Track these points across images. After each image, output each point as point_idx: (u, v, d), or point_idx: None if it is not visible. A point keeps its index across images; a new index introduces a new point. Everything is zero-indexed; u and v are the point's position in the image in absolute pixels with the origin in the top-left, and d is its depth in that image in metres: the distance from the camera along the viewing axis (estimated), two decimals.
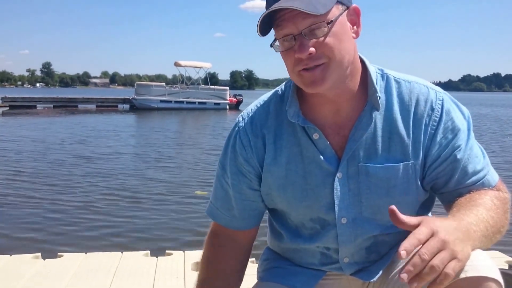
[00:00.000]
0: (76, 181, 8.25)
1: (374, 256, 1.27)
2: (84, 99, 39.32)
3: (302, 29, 1.07)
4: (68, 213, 6.15)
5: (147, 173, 9.21)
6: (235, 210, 1.32)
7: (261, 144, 1.26)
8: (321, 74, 1.10)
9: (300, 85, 1.16)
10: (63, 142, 14.23)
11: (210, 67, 39.28)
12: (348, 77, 1.17)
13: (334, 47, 1.09)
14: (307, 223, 1.27)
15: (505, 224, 1.12)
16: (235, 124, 1.32)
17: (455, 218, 0.99)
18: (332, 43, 1.08)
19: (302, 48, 1.07)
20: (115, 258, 3.09)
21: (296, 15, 1.06)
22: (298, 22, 1.07)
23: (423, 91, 1.21)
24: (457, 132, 1.17)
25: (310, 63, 1.09)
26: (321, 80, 1.10)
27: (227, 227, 1.35)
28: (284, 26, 1.09)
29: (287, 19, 1.07)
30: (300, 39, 1.08)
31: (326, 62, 1.10)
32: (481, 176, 1.18)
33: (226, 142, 1.32)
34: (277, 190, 1.26)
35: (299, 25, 1.07)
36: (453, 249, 0.88)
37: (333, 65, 1.10)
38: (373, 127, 1.19)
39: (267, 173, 1.26)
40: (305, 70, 1.10)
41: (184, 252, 3.24)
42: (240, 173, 1.29)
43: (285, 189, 1.24)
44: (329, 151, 1.21)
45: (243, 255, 1.38)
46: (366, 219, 1.22)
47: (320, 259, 1.30)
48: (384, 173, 1.18)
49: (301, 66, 1.10)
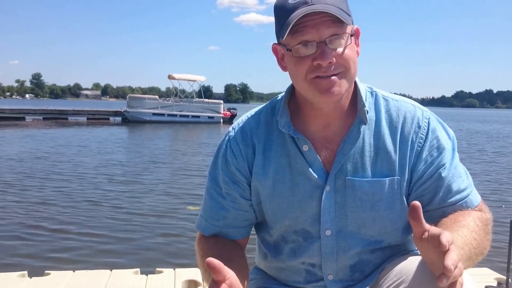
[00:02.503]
0: (63, 197, 8.13)
1: (358, 275, 1.28)
2: (75, 111, 39.01)
3: (326, 37, 1.09)
4: (56, 230, 6.05)
5: (137, 189, 9.10)
6: (227, 219, 1.30)
7: (251, 153, 1.27)
8: (338, 83, 1.13)
9: (311, 92, 1.15)
10: (49, 155, 14.10)
11: (204, 80, 39.50)
12: (346, 93, 1.19)
13: (351, 59, 1.13)
14: (290, 236, 1.27)
15: (487, 246, 1.16)
16: (225, 134, 1.33)
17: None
18: (349, 55, 1.13)
19: (324, 56, 1.09)
20: (104, 276, 3.07)
21: (321, 22, 1.08)
22: (322, 30, 1.09)
23: (410, 109, 1.25)
24: (442, 150, 1.21)
25: (328, 72, 1.11)
26: (338, 88, 1.13)
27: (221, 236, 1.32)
28: (306, 32, 1.10)
29: (312, 25, 1.09)
30: (322, 46, 1.10)
31: (342, 72, 1.13)
32: (465, 195, 1.21)
33: (216, 153, 1.32)
34: (264, 200, 1.27)
35: (322, 33, 1.09)
36: (460, 267, 0.91)
37: (348, 77, 1.14)
38: (361, 142, 1.21)
39: (255, 182, 1.27)
40: (320, 78, 1.12)
41: (174, 270, 3.22)
42: (232, 182, 1.28)
43: (272, 199, 1.25)
44: (318, 163, 1.22)
45: (240, 250, 1.31)
46: (351, 233, 1.23)
47: (305, 276, 1.30)
48: (370, 187, 1.20)
49: (317, 73, 1.12)
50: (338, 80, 1.12)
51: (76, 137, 21.53)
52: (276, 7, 1.15)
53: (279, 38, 1.17)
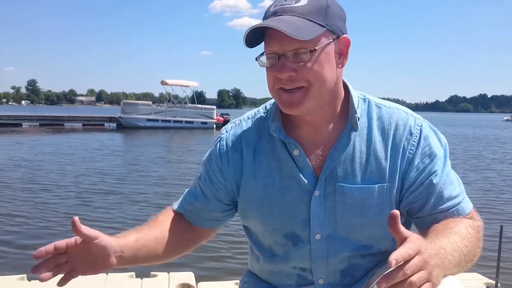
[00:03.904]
0: (59, 199, 8.18)
1: (349, 280, 1.29)
2: (70, 118, 38.87)
3: (287, 50, 1.11)
4: (54, 233, 6.06)
5: (131, 192, 9.15)
6: (194, 207, 1.38)
7: (239, 157, 1.30)
8: (299, 98, 1.14)
9: (278, 103, 1.21)
10: (47, 160, 14.09)
11: (197, 86, 39.35)
12: (327, 104, 1.21)
13: (315, 74, 1.12)
14: (280, 239, 1.29)
15: (477, 253, 1.15)
16: (218, 135, 1.38)
17: (434, 244, 1.00)
18: (313, 70, 1.12)
19: (283, 69, 1.12)
20: (100, 280, 3.08)
21: (283, 36, 1.08)
22: (285, 44, 1.11)
23: (403, 116, 1.25)
24: (434, 157, 1.21)
25: (288, 85, 1.13)
26: (298, 104, 1.15)
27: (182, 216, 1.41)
28: (271, 44, 1.13)
29: (275, 38, 1.11)
30: (283, 60, 1.12)
31: (305, 86, 1.13)
32: (456, 202, 1.21)
33: (209, 150, 1.39)
34: (254, 203, 1.29)
35: (284, 47, 1.11)
36: (431, 272, 0.91)
37: (312, 90, 1.14)
38: (352, 148, 1.22)
39: (245, 185, 1.29)
40: (283, 91, 1.15)
41: (168, 274, 3.24)
42: (210, 180, 1.35)
43: (262, 202, 1.27)
44: (308, 168, 1.24)
45: (191, 235, 1.40)
46: (340, 237, 1.24)
47: (297, 280, 1.32)
48: (359, 193, 1.21)
49: (280, 85, 1.15)
50: (300, 95, 1.14)
51: (72, 143, 21.42)
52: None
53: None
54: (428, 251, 0.93)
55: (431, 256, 0.93)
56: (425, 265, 0.90)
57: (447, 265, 1.00)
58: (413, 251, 0.88)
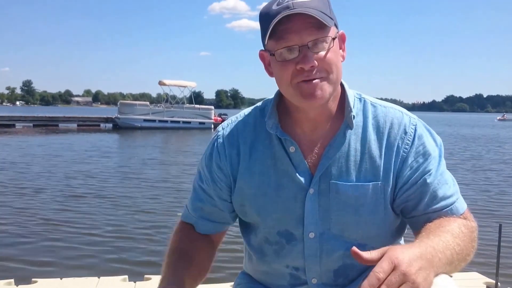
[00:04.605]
0: (50, 204, 8.07)
1: (342, 280, 1.29)
2: (65, 118, 38.85)
3: (308, 41, 1.11)
4: (42, 237, 6.00)
5: (126, 195, 9.05)
6: (203, 211, 1.35)
7: (235, 154, 1.30)
8: (321, 87, 1.14)
9: (296, 97, 1.17)
10: (36, 162, 14.03)
11: (195, 86, 39.57)
12: (332, 97, 1.21)
13: (333, 64, 1.14)
14: (273, 237, 1.29)
15: (471, 253, 1.15)
16: (215, 133, 1.36)
17: (421, 244, 1.00)
18: (332, 59, 1.14)
19: (306, 60, 1.11)
20: (91, 284, 3.06)
21: (303, 27, 1.09)
22: (304, 35, 1.11)
23: (398, 115, 1.26)
24: (428, 157, 1.21)
25: (310, 76, 1.13)
26: (320, 93, 1.14)
27: (195, 228, 1.38)
28: (289, 37, 1.11)
29: (294, 30, 1.10)
30: (305, 50, 1.11)
31: (325, 76, 1.14)
32: (450, 202, 1.21)
33: (205, 150, 1.36)
34: (249, 200, 1.28)
35: (304, 38, 1.11)
36: (414, 280, 0.89)
37: (331, 80, 1.15)
38: (347, 147, 1.23)
39: (241, 181, 1.29)
40: (304, 82, 1.14)
41: None
42: (212, 180, 1.32)
43: (256, 199, 1.27)
44: (303, 166, 1.24)
45: (212, 248, 1.39)
46: (334, 235, 1.24)
47: (290, 280, 1.31)
48: (353, 191, 1.21)
49: (301, 78, 1.13)
50: (320, 83, 1.14)
51: (63, 144, 21.40)
52: (261, 13, 1.17)
53: (264, 43, 1.18)
54: (406, 260, 0.91)
55: (411, 263, 0.91)
56: (405, 277, 0.89)
57: (437, 263, 0.99)
58: (384, 272, 0.88)
